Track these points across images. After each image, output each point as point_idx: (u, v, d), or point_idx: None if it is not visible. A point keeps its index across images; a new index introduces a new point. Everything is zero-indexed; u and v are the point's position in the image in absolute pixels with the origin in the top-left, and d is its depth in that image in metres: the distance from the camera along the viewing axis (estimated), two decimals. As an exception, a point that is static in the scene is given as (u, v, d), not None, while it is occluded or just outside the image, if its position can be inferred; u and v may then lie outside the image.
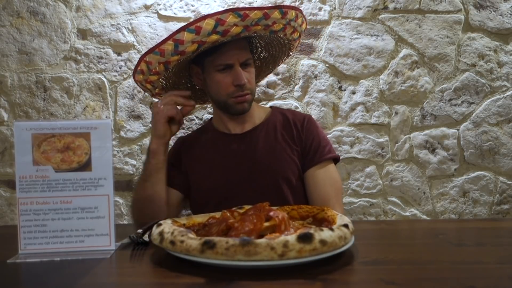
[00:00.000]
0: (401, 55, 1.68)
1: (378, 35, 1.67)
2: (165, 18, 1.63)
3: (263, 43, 1.33)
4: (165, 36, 1.14)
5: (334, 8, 1.67)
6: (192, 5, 1.63)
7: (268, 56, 1.39)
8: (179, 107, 1.21)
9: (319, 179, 1.24)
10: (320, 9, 1.66)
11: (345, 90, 1.68)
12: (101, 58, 1.64)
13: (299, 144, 1.27)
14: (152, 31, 1.63)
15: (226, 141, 1.30)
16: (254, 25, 1.08)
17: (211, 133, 1.34)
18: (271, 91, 1.66)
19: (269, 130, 1.29)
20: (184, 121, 1.63)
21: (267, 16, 1.08)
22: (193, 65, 1.26)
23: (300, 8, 1.23)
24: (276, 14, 1.09)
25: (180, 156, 1.33)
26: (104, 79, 1.65)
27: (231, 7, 1.62)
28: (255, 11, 1.06)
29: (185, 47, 1.08)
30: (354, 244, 0.70)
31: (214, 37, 1.06)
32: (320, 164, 1.25)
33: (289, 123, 1.31)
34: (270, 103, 1.64)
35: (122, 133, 1.65)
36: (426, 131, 1.70)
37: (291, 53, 1.38)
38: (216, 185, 1.24)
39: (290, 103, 1.66)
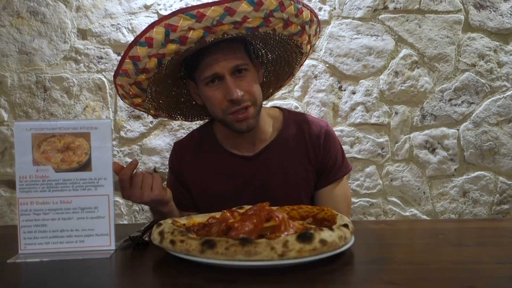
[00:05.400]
0: (401, 55, 1.68)
1: (378, 35, 1.67)
2: (165, 18, 1.63)
3: (260, 43, 1.11)
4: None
5: (334, 8, 1.67)
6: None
7: (276, 58, 1.16)
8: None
9: (332, 197, 1.15)
10: (320, 9, 1.66)
11: (345, 90, 1.68)
12: (101, 58, 1.64)
13: (315, 164, 1.14)
14: (152, 31, 1.63)
15: (235, 163, 1.14)
16: (218, 25, 0.86)
17: (216, 150, 1.17)
18: (271, 91, 1.66)
19: (281, 150, 1.13)
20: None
21: (232, 12, 0.84)
22: (188, 80, 1.11)
23: None
24: (244, 6, 0.84)
25: (182, 172, 1.19)
26: (104, 79, 1.65)
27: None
28: (212, 8, 0.83)
29: (144, 64, 0.92)
30: (354, 244, 0.70)
31: (172, 46, 0.88)
32: (335, 183, 1.16)
33: (304, 139, 1.14)
34: (271, 103, 1.63)
35: (122, 133, 1.65)
36: (426, 131, 1.70)
37: (302, 50, 1.10)
38: (223, 206, 1.11)
39: (290, 103, 1.66)
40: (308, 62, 1.66)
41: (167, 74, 1.04)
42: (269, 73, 1.21)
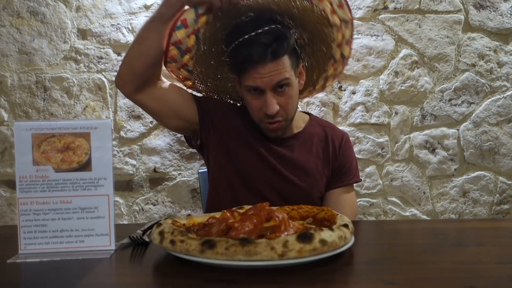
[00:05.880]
0: (401, 55, 1.68)
1: (378, 35, 1.67)
2: (165, 18, 1.63)
3: (291, 21, 1.12)
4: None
5: (334, 8, 1.66)
6: (192, 5, 1.63)
7: (310, 37, 1.17)
8: None
9: (340, 201, 1.19)
10: (320, 9, 1.66)
11: (345, 90, 1.68)
12: (101, 58, 1.64)
13: (333, 163, 1.21)
14: (152, 31, 1.63)
15: (260, 139, 1.19)
16: None
17: (248, 121, 1.20)
18: (271, 91, 1.66)
19: (305, 141, 1.21)
20: None
21: None
22: (234, 73, 1.16)
23: None
24: None
25: (214, 112, 1.20)
26: (104, 79, 1.65)
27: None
28: None
29: (185, 45, 1.04)
30: (354, 244, 0.70)
31: (203, 19, 1.02)
32: (345, 187, 1.21)
33: (327, 139, 1.22)
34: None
35: (122, 133, 1.65)
36: (426, 131, 1.70)
37: (330, 21, 1.10)
38: (241, 173, 1.16)
39: (290, 103, 1.66)
40: (308, 62, 1.66)
41: (207, 53, 1.14)
42: (309, 57, 1.22)
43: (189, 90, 1.24)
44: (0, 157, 1.64)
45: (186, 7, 1.02)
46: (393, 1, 1.67)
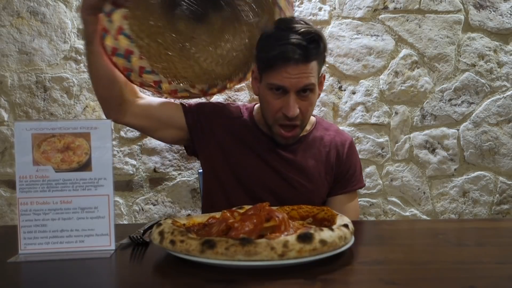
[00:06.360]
0: (401, 55, 1.68)
1: (378, 35, 1.67)
2: (165, 18, 1.63)
3: None
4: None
5: (334, 8, 1.67)
6: (192, 5, 1.63)
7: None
8: None
9: (343, 208, 1.16)
10: (320, 9, 1.66)
11: (345, 90, 1.68)
12: (101, 58, 1.64)
13: (336, 168, 1.18)
14: (152, 31, 1.63)
15: (262, 143, 1.17)
16: None
17: (249, 124, 1.19)
18: (271, 91, 1.66)
19: (309, 145, 1.18)
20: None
21: None
22: (254, 67, 1.12)
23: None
24: None
25: (209, 116, 1.18)
26: (104, 79, 1.65)
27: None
28: None
29: None
30: (354, 244, 0.70)
31: None
32: (349, 194, 1.20)
33: (331, 144, 1.19)
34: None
35: (122, 133, 1.65)
36: (426, 131, 1.70)
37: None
38: (238, 177, 1.14)
39: (290, 103, 1.66)
40: (308, 62, 1.66)
41: (154, 45, 1.09)
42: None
43: (193, 100, 1.22)
44: (0, 157, 1.64)
45: (102, 15, 1.00)
46: (393, 1, 1.67)
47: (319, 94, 1.14)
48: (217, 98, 1.61)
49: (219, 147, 1.16)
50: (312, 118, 1.25)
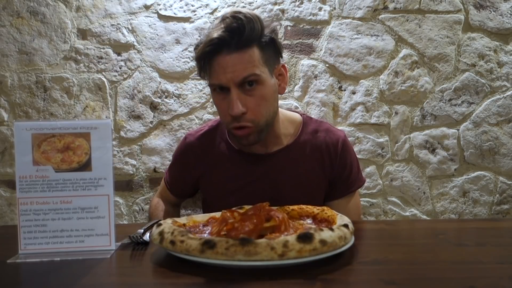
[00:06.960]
0: (401, 55, 1.68)
1: (378, 35, 1.67)
2: (165, 18, 1.63)
3: None
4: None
5: (334, 8, 1.67)
6: (192, 5, 1.63)
7: None
8: None
9: (345, 209, 1.09)
10: (320, 9, 1.66)
11: (345, 90, 1.68)
12: (101, 58, 1.64)
13: (330, 173, 1.10)
14: (152, 31, 1.63)
15: (243, 161, 1.09)
16: None
17: (225, 146, 1.11)
18: (271, 91, 1.66)
19: (297, 154, 1.09)
20: (185, 121, 1.64)
21: None
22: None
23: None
24: None
25: (190, 160, 1.17)
26: (104, 79, 1.65)
27: (231, 7, 1.62)
28: None
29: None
30: (354, 244, 0.70)
31: None
32: (348, 196, 1.14)
33: (320, 147, 1.10)
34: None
35: (122, 133, 1.65)
36: (426, 131, 1.70)
37: None
38: (231, 204, 1.07)
39: (290, 103, 1.66)
40: (308, 62, 1.66)
41: None
42: None
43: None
44: (0, 157, 1.64)
45: None
46: (393, 1, 1.67)
47: (284, 88, 1.04)
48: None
49: (208, 185, 1.18)
50: (298, 119, 1.15)
